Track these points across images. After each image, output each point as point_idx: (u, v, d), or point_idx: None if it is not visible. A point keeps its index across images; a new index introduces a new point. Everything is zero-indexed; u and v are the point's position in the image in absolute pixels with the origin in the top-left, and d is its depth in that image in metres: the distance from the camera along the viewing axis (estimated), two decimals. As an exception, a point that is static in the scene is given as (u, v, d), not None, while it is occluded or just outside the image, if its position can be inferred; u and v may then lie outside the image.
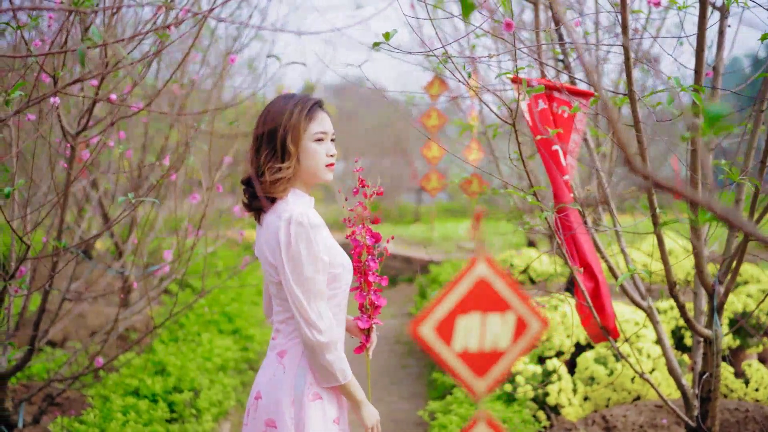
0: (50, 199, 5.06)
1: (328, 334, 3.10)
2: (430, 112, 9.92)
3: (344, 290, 3.27)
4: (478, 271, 1.62)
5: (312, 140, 3.23)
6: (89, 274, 6.94)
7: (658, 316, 5.02)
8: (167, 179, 7.00)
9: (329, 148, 3.27)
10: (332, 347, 3.12)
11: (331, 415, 3.23)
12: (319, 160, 3.24)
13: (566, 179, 4.55)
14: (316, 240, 3.10)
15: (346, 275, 3.22)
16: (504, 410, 5.50)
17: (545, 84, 4.55)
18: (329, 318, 3.13)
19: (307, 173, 3.26)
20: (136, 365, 6.55)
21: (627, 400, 5.88)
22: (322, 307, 3.12)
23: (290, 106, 3.24)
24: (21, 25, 3.37)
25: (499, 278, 1.63)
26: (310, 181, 3.30)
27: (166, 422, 5.72)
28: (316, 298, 3.11)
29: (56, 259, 5.28)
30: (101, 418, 5.41)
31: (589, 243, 4.70)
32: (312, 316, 3.10)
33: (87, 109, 5.05)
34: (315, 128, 3.23)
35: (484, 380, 1.65)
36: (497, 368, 1.65)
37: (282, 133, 3.20)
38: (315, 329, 3.10)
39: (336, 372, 3.15)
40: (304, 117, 3.22)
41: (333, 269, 3.18)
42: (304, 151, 3.23)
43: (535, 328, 1.65)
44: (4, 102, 3.04)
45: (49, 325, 6.02)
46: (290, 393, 3.22)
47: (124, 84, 5.51)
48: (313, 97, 3.32)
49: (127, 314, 6.49)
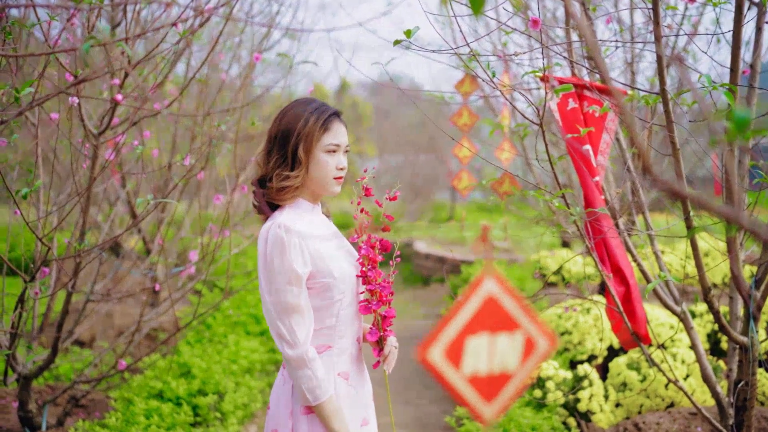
0: (72, 200, 4.98)
1: (299, 350, 2.98)
2: (462, 110, 9.78)
3: (341, 301, 3.11)
4: (486, 288, 1.51)
5: (323, 151, 3.11)
6: (114, 273, 6.88)
7: (692, 322, 4.87)
8: (193, 179, 6.94)
9: (340, 160, 3.15)
10: (302, 364, 2.98)
11: None
12: (329, 172, 3.13)
13: (597, 180, 4.42)
14: (293, 251, 2.98)
15: (340, 285, 3.07)
16: (533, 417, 5.37)
17: (575, 82, 4.42)
18: (304, 333, 3.00)
19: (315, 184, 3.15)
20: (161, 367, 6.49)
21: (660, 407, 5.72)
22: (295, 320, 2.99)
23: (306, 114, 3.13)
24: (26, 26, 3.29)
25: (507, 295, 1.52)
26: (317, 193, 3.19)
27: (189, 426, 5.65)
28: (287, 311, 2.99)
29: (79, 260, 5.23)
30: (123, 421, 5.35)
31: (621, 247, 4.56)
32: (282, 329, 3.00)
33: (109, 108, 4.99)
34: (328, 139, 3.12)
35: (492, 406, 1.54)
36: (505, 392, 1.54)
37: (295, 140, 3.10)
38: (284, 342, 3.00)
39: (304, 390, 3.01)
40: (318, 127, 3.11)
41: (322, 278, 3.06)
42: (315, 162, 3.12)
43: (543, 348, 1.54)
44: (13, 99, 2.97)
45: (73, 326, 5.98)
46: (288, 404, 3.14)
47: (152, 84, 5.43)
48: (331, 107, 3.21)
49: (153, 315, 6.42)
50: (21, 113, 2.69)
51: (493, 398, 1.54)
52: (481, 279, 1.51)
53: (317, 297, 3.07)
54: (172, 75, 7.22)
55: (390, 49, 40.29)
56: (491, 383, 1.53)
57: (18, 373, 5.41)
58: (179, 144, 8.25)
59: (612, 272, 4.54)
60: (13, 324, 5.09)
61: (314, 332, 3.12)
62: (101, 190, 7.42)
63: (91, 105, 7.52)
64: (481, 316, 1.51)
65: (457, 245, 14.24)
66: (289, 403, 3.14)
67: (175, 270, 6.34)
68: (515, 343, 1.53)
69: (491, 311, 1.51)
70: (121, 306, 8.56)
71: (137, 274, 7.40)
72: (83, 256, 5.08)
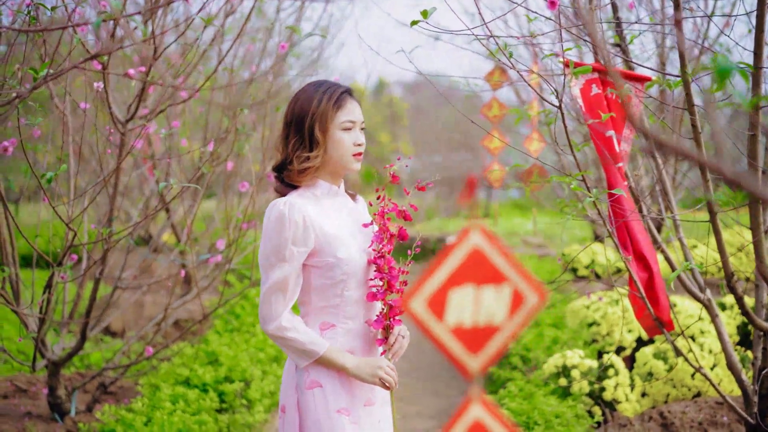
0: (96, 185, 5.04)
1: (274, 322, 3.07)
2: (491, 102, 9.76)
3: (345, 282, 3.11)
4: (472, 240, 1.51)
5: (339, 129, 3.13)
6: (142, 261, 6.96)
7: (717, 309, 4.82)
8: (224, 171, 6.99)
9: (357, 137, 3.17)
10: (282, 331, 3.06)
11: (335, 405, 3.09)
12: (346, 149, 3.14)
13: (620, 166, 4.39)
14: (291, 227, 3.03)
15: (343, 267, 3.08)
16: (558, 405, 5.35)
17: (597, 68, 4.39)
18: (281, 309, 3.07)
19: (334, 163, 3.17)
20: (188, 355, 6.55)
21: (687, 396, 5.67)
22: (277, 297, 3.07)
23: (318, 94, 3.16)
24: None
25: (494, 249, 1.52)
26: (338, 171, 3.20)
27: (215, 412, 5.69)
28: (272, 288, 3.07)
29: (107, 247, 5.29)
30: (149, 406, 5.41)
31: (644, 233, 4.53)
32: (263, 307, 3.10)
33: (136, 95, 5.05)
34: (342, 117, 3.14)
35: (479, 357, 1.54)
36: (492, 345, 1.54)
37: (310, 121, 3.13)
38: (263, 319, 3.11)
39: (299, 354, 3.09)
40: (332, 105, 3.13)
41: (326, 258, 3.09)
42: (332, 140, 3.14)
43: (532, 302, 1.54)
44: (32, 79, 3.02)
45: (101, 313, 6.04)
46: (293, 380, 3.19)
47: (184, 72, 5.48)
48: (342, 84, 3.23)
49: (179, 304, 6.48)
50: (35, 88, 2.74)
51: (478, 350, 1.54)
52: (467, 231, 1.51)
53: (321, 276, 3.11)
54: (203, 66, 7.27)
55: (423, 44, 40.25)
56: (476, 335, 1.53)
57: (47, 359, 5.49)
58: (209, 136, 8.31)
59: (635, 259, 4.51)
60: (41, 309, 5.16)
61: (319, 309, 3.17)
62: (133, 177, 7.50)
63: (123, 97, 7.61)
64: (465, 269, 1.51)
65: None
66: (294, 379, 3.18)
67: (202, 257, 6.39)
68: (502, 297, 1.53)
69: (476, 264, 1.52)
70: (152, 296, 8.64)
71: (165, 262, 7.46)
72: (110, 242, 5.14)
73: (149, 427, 5.08)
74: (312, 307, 3.18)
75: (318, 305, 3.16)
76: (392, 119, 31.28)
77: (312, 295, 3.16)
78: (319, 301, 3.15)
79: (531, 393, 5.67)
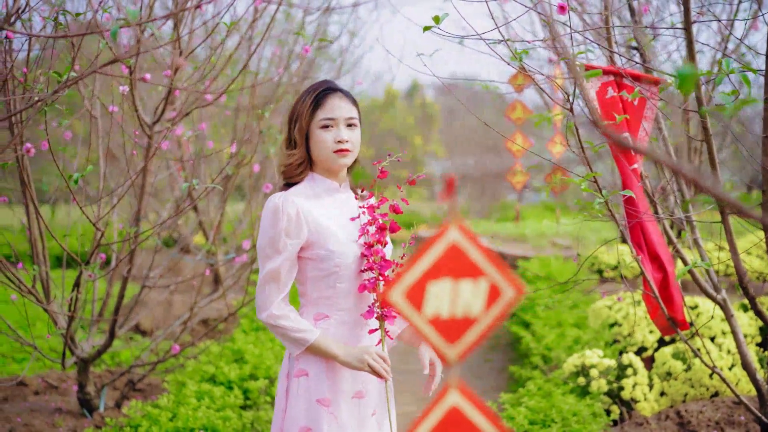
0: (123, 186, 5.17)
1: (267, 311, 3.19)
2: (515, 104, 9.83)
3: (337, 273, 3.20)
4: (450, 236, 1.60)
5: (318, 127, 3.24)
6: (169, 260, 7.10)
7: (732, 309, 4.86)
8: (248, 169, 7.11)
9: (338, 134, 3.24)
10: (275, 319, 3.17)
11: (316, 394, 3.19)
12: (327, 147, 3.23)
13: (635, 168, 4.45)
14: (285, 220, 3.15)
15: (335, 259, 3.17)
16: (575, 403, 5.41)
17: (610, 70, 4.45)
18: (274, 298, 3.18)
19: (321, 161, 3.28)
20: (214, 353, 6.68)
21: (705, 396, 5.71)
22: (271, 288, 3.19)
23: (303, 94, 3.33)
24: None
25: (472, 245, 1.61)
26: (329, 168, 3.30)
27: (240, 408, 5.81)
28: (266, 279, 3.19)
29: (134, 246, 5.42)
30: (175, 402, 5.53)
31: (659, 234, 4.58)
32: (258, 290, 3.25)
33: (162, 98, 5.18)
34: (321, 115, 3.24)
35: (456, 347, 1.63)
36: (469, 335, 1.62)
37: (292, 121, 3.31)
38: (258, 308, 3.24)
39: (291, 342, 3.20)
40: (309, 105, 3.26)
41: (319, 250, 3.19)
42: (312, 139, 3.27)
43: (509, 295, 1.62)
44: (56, 82, 3.15)
45: (129, 311, 6.18)
46: (286, 368, 3.32)
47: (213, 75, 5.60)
48: (329, 82, 3.35)
49: (205, 303, 6.61)
50: (56, 92, 2.86)
51: (456, 341, 1.63)
52: (445, 228, 1.61)
53: (315, 268, 3.22)
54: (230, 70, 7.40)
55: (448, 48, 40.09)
56: (454, 327, 1.62)
57: (76, 356, 5.63)
58: (237, 139, 8.44)
59: (650, 259, 4.57)
60: (69, 307, 5.31)
61: (314, 300, 3.28)
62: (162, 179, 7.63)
63: (153, 101, 7.75)
64: (443, 263, 1.60)
65: (518, 242, 14.26)
66: (286, 366, 3.31)
67: (227, 257, 6.52)
68: (479, 290, 1.62)
69: (454, 258, 1.61)
70: (181, 296, 8.79)
71: (191, 261, 7.59)
72: (137, 241, 5.27)
73: (174, 422, 5.20)
74: (308, 298, 3.29)
75: (313, 296, 3.27)
76: (426, 121, 31.36)
77: (307, 287, 3.27)
78: (313, 292, 3.26)
79: (549, 391, 5.73)
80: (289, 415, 3.22)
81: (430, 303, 1.61)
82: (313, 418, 3.18)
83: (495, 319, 1.63)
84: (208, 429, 5.20)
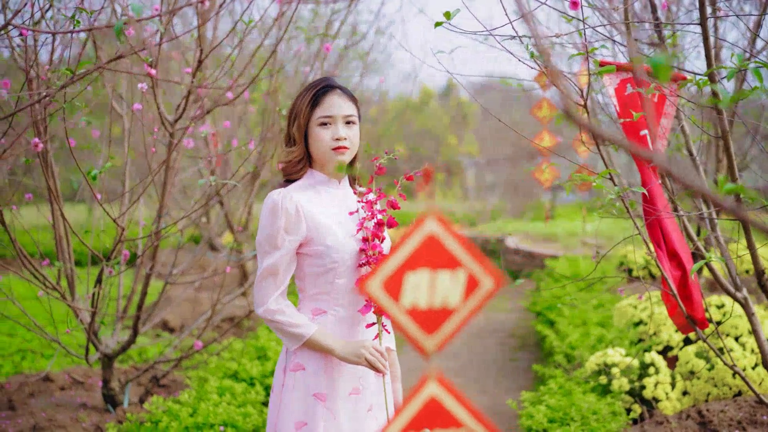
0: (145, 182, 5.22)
1: (263, 306, 3.21)
2: (541, 102, 9.78)
3: (335, 270, 3.22)
4: (427, 227, 1.61)
5: (316, 125, 3.27)
6: (193, 257, 7.15)
7: (753, 308, 4.81)
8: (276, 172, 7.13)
9: (336, 131, 3.26)
10: (271, 314, 3.20)
11: (313, 389, 3.20)
12: (325, 144, 3.26)
13: (654, 165, 4.42)
14: (283, 216, 3.17)
15: (333, 254, 3.19)
16: (596, 402, 5.39)
17: (627, 67, 4.43)
18: (270, 293, 3.21)
19: (319, 158, 3.31)
20: (237, 349, 6.72)
21: (728, 395, 5.65)
22: (268, 283, 3.22)
23: (301, 92, 3.36)
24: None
25: (449, 236, 1.61)
26: (325, 164, 3.33)
27: (261, 404, 5.84)
28: (264, 274, 3.22)
29: (155, 243, 5.48)
30: (196, 398, 5.58)
31: (678, 231, 4.55)
32: (255, 286, 3.28)
33: (183, 96, 5.21)
34: (318, 113, 3.26)
35: (434, 338, 1.63)
36: (447, 326, 1.63)
37: (293, 117, 3.34)
38: (256, 303, 3.27)
39: (288, 337, 3.21)
40: (306, 102, 3.28)
41: (316, 246, 3.21)
42: (311, 136, 3.29)
43: (487, 286, 1.62)
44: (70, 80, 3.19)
45: (153, 308, 6.23)
46: (282, 363, 3.33)
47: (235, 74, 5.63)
48: (329, 79, 3.37)
49: (228, 300, 6.65)
50: (63, 87, 2.90)
51: (433, 331, 1.63)
52: (423, 218, 1.61)
53: (313, 263, 3.24)
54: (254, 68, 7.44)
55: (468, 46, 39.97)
56: (431, 317, 1.63)
57: (100, 352, 5.69)
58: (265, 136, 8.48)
59: (669, 257, 4.53)
60: (91, 302, 5.37)
61: (312, 296, 3.29)
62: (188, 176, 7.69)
63: (176, 100, 7.81)
64: (421, 254, 1.61)
65: (548, 241, 14.21)
66: (283, 360, 3.32)
67: (249, 254, 6.56)
68: (457, 281, 1.63)
69: (432, 249, 1.61)
70: (207, 293, 8.85)
71: (213, 258, 7.65)
72: (158, 237, 5.32)
73: (194, 417, 5.24)
74: (306, 294, 3.31)
75: (311, 292, 3.28)
76: (460, 121, 31.27)
77: (306, 282, 3.29)
78: (312, 288, 3.28)
79: (570, 390, 5.70)
80: (285, 409, 3.23)
81: (408, 294, 1.61)
82: (309, 412, 3.19)
83: (473, 309, 1.63)
84: (228, 425, 5.24)
